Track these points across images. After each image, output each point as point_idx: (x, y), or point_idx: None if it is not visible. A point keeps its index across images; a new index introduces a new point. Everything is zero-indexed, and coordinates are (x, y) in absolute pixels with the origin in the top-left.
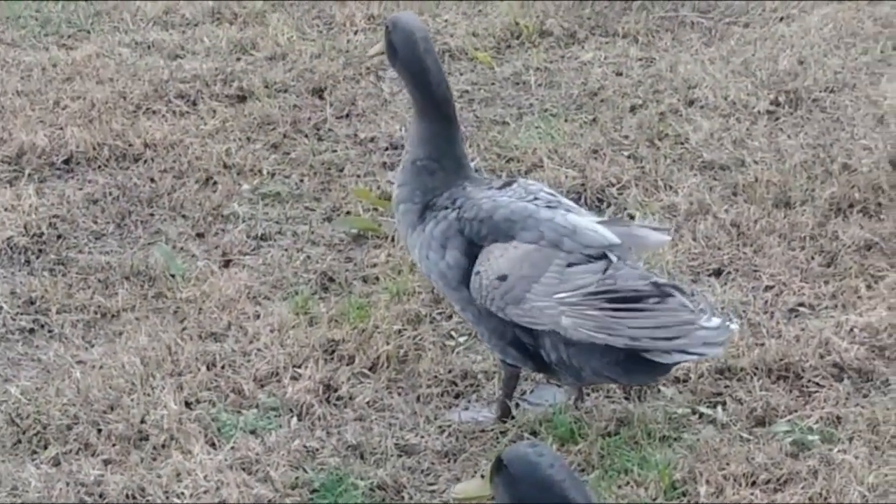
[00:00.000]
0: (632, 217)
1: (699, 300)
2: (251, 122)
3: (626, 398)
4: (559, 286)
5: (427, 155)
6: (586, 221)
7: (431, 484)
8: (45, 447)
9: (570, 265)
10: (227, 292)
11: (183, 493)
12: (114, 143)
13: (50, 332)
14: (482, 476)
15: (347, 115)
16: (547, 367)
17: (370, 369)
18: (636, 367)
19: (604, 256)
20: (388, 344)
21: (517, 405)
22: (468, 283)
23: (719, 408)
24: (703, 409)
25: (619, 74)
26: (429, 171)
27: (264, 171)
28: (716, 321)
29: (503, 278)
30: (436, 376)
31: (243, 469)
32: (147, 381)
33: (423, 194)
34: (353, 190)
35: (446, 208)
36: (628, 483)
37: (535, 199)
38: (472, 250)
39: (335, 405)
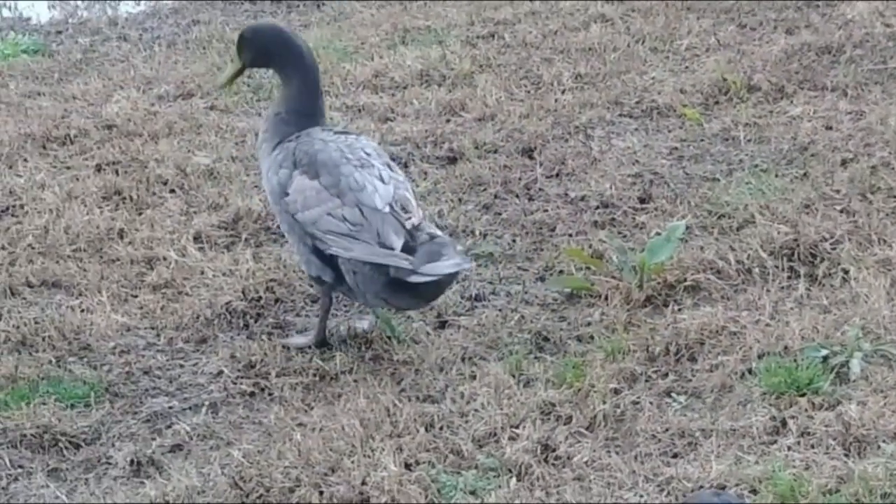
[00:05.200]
0: (846, 272)
1: (447, 246)
2: (462, 184)
3: (846, 454)
4: (319, 217)
5: (287, 109)
6: (380, 187)
7: None
8: None
9: (341, 207)
10: (442, 353)
11: None
12: None
13: (270, 395)
14: None
15: (557, 175)
16: (344, 281)
17: (587, 428)
18: (401, 289)
19: (376, 211)
20: (604, 403)
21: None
22: None
23: None
24: None
25: (829, 128)
26: (286, 122)
27: (476, 232)
28: (450, 261)
29: (287, 194)
30: (653, 435)
31: None
32: (367, 442)
33: (280, 136)
34: (564, 249)
35: (290, 141)
36: None
37: (349, 155)
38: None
39: (553, 465)
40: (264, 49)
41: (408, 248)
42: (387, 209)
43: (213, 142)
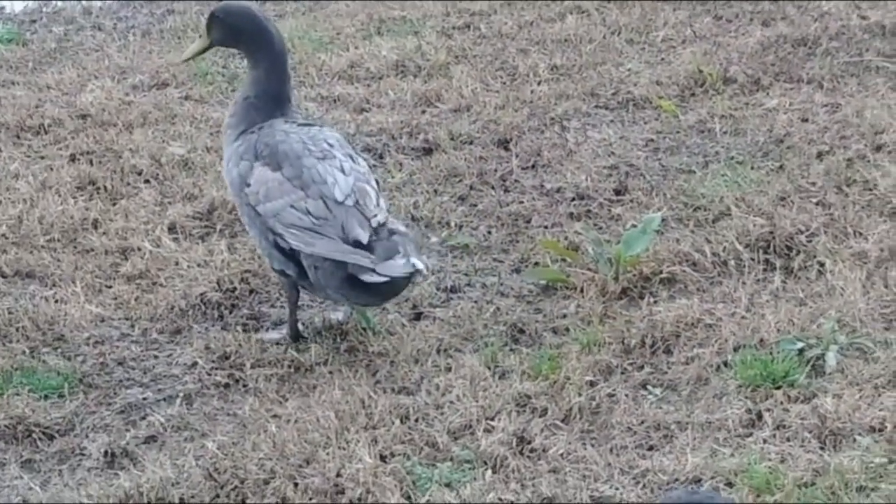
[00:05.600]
0: (822, 265)
1: (404, 244)
2: (437, 175)
3: (822, 447)
4: (282, 209)
5: (256, 94)
6: (340, 179)
7: None
8: (243, 502)
9: (305, 200)
10: (418, 345)
11: None
12: None
13: (245, 386)
14: None
15: (533, 166)
16: (307, 276)
17: (563, 421)
18: (357, 287)
19: (339, 204)
20: (580, 395)
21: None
22: None
23: None
24: None
25: (805, 121)
26: (255, 107)
27: (452, 224)
28: (402, 261)
29: (248, 185)
30: (629, 427)
31: None
32: (342, 434)
33: (246, 124)
34: (540, 241)
35: (253, 133)
36: None
37: (311, 147)
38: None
39: (528, 457)
40: (234, 28)
41: (369, 245)
42: (350, 202)
43: (187, 132)
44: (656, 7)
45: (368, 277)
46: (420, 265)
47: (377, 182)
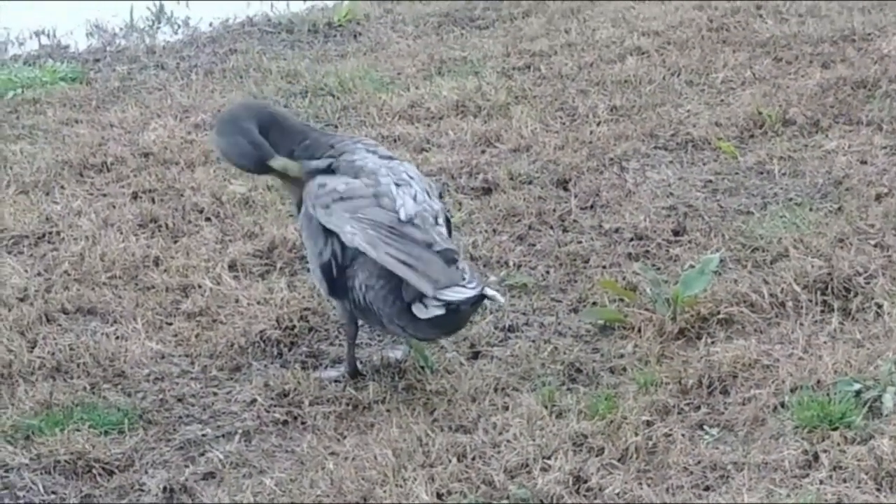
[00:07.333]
0: (880, 306)
1: (470, 271)
2: (497, 214)
3: (878, 489)
4: (359, 210)
5: (296, 141)
6: (409, 204)
7: None
8: None
9: (378, 205)
10: (475, 384)
11: None
12: None
13: (303, 423)
14: None
15: (592, 206)
16: (359, 306)
17: (619, 460)
18: (417, 318)
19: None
20: (636, 435)
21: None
22: None
23: None
24: None
25: (864, 163)
26: (305, 147)
27: (510, 263)
28: (473, 283)
29: (322, 185)
30: (685, 467)
31: None
32: (399, 472)
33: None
34: (598, 281)
35: (332, 157)
36: None
37: (390, 173)
38: None
39: (585, 496)
40: (261, 133)
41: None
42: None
43: None
44: (716, 49)
45: (422, 312)
46: (490, 291)
47: (448, 224)
